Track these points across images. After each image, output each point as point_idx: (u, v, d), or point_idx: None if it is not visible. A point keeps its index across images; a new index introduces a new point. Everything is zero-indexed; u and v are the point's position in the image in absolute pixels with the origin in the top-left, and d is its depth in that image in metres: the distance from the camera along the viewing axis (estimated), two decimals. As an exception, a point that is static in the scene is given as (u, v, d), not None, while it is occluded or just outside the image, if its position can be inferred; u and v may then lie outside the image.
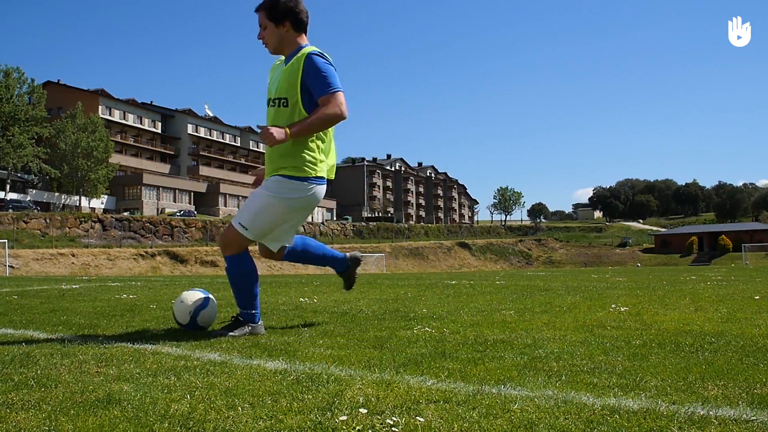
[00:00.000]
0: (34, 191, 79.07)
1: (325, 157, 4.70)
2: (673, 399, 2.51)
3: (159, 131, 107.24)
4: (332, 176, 4.86)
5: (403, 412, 2.33)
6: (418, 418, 2.25)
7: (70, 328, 5.22)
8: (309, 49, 4.49)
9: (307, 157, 4.54)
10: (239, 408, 2.42)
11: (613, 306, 6.73)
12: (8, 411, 2.44)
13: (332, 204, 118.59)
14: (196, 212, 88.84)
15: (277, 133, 4.31)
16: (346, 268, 5.40)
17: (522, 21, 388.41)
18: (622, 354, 3.60)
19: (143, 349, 3.93)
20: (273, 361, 3.47)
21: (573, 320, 5.43)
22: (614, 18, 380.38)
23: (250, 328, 4.67)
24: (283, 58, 4.67)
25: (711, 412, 2.30)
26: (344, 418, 2.25)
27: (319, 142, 4.59)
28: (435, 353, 3.70)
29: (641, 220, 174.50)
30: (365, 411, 2.33)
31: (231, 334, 4.57)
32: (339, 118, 4.43)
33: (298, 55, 4.48)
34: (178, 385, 2.85)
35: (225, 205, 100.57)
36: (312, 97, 4.45)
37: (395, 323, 5.31)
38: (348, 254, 5.42)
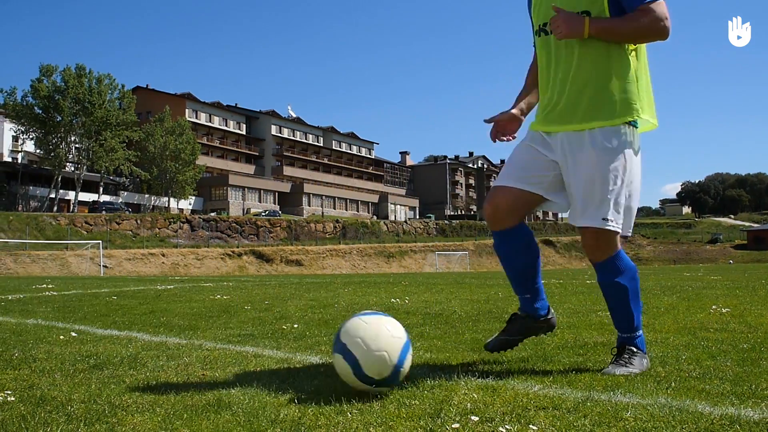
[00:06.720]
0: (125, 193, 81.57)
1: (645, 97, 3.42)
2: (795, 409, 2.40)
3: (243, 133, 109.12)
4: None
5: (514, 420, 2.29)
6: (530, 426, 2.20)
7: (171, 330, 5.35)
8: None
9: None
10: (348, 414, 2.42)
11: (713, 307, 6.53)
12: (124, 413, 2.50)
13: (415, 202, 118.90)
14: (280, 212, 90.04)
15: (567, 22, 3.16)
16: (537, 319, 3.59)
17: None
18: (730, 359, 3.48)
19: (245, 352, 4.00)
20: (374, 365, 3.45)
21: (673, 322, 5.29)
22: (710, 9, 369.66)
23: (646, 360, 3.36)
24: None
25: (839, 424, 2.19)
26: (456, 426, 2.22)
27: (633, 73, 3.31)
28: (536, 357, 3.65)
29: (732, 216, 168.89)
30: (476, 418, 2.29)
31: (629, 370, 3.19)
32: (659, 33, 3.16)
33: None
34: (285, 389, 2.87)
35: (309, 205, 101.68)
36: (621, 12, 3.20)
37: (490, 325, 5.27)
38: (552, 313, 3.71)
